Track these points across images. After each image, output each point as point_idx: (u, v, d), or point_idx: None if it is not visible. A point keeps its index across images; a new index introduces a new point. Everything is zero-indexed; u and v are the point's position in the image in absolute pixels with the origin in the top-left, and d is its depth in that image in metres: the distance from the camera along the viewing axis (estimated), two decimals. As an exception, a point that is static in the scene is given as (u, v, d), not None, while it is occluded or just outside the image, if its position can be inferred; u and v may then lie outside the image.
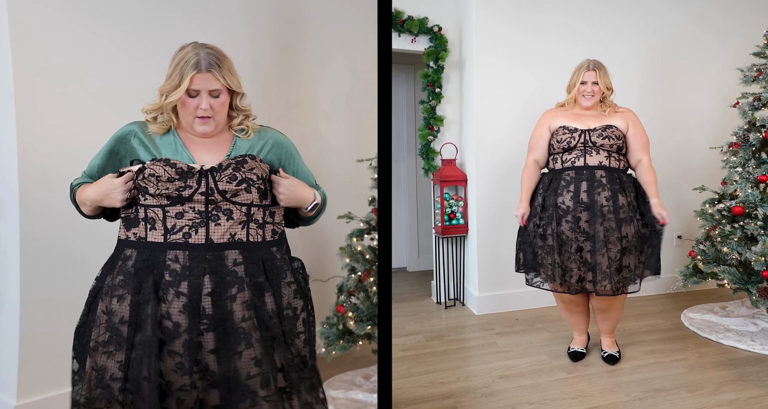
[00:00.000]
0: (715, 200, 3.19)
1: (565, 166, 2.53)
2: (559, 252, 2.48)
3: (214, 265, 1.43)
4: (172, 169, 1.43)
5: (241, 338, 1.41)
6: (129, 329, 1.41)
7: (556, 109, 2.70)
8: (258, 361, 1.42)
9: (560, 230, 2.48)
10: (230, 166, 1.47)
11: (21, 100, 2.10)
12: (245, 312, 1.43)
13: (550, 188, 2.55)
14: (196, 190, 1.44)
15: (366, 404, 2.40)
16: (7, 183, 2.15)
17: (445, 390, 2.41)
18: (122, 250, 1.48)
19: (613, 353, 2.69)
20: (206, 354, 1.40)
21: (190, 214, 1.44)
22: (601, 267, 2.40)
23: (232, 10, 2.67)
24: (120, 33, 2.31)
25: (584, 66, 2.59)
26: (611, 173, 2.47)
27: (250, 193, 1.49)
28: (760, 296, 2.76)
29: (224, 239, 1.45)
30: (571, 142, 2.52)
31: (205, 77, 1.47)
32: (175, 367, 1.39)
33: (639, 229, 2.46)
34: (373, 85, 3.21)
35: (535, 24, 3.57)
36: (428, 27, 3.58)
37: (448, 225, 3.65)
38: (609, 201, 2.43)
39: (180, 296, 1.40)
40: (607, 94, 2.61)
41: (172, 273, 1.42)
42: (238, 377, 1.40)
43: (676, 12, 3.87)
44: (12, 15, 2.06)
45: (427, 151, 3.69)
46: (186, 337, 1.38)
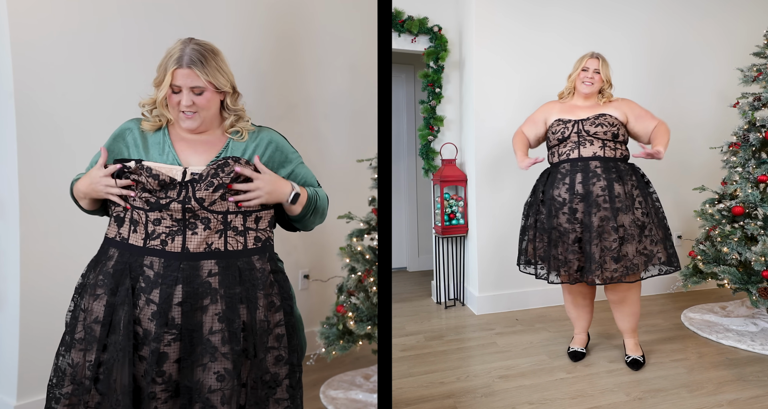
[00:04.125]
0: (715, 200, 3.19)
1: (561, 159, 2.56)
2: (556, 244, 2.49)
3: (188, 275, 1.40)
4: (155, 181, 1.41)
5: (207, 350, 1.38)
6: (102, 330, 1.40)
7: (554, 103, 2.74)
8: (221, 376, 1.38)
9: (557, 223, 2.50)
10: (209, 174, 1.43)
11: (21, 100, 2.10)
12: (215, 324, 1.40)
13: (548, 182, 2.58)
14: (174, 200, 1.41)
15: (366, 404, 2.40)
16: (7, 183, 2.15)
17: (445, 390, 2.41)
18: (107, 248, 1.48)
19: (637, 358, 2.61)
20: (171, 364, 1.37)
21: (167, 221, 1.42)
22: (594, 257, 2.40)
23: (232, 10, 2.67)
24: (120, 32, 2.31)
25: (588, 55, 2.63)
26: (606, 163, 2.48)
27: (225, 201, 1.44)
28: (760, 296, 2.76)
29: (200, 248, 1.42)
30: (564, 133, 2.55)
31: (185, 74, 1.45)
32: (144, 373, 1.37)
33: (637, 217, 2.45)
34: (373, 85, 3.21)
35: (535, 24, 3.56)
36: (428, 27, 3.58)
37: (448, 225, 3.65)
38: (604, 190, 2.42)
39: (150, 304, 1.38)
40: (606, 87, 2.63)
41: (146, 280, 1.40)
42: (201, 389, 1.37)
43: (677, 10, 3.87)
44: (12, 15, 2.06)
45: (427, 151, 3.69)
46: (153, 345, 1.36)
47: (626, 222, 2.43)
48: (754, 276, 2.81)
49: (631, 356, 2.63)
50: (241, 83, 1.62)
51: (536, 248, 2.60)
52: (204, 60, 1.46)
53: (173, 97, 1.48)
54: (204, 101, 1.48)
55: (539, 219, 2.59)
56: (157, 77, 1.49)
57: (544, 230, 2.55)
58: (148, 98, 1.54)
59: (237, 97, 1.57)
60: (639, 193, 2.49)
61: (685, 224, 3.96)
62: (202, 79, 1.46)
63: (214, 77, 1.47)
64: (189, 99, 1.46)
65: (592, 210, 2.42)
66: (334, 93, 3.11)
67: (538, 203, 2.61)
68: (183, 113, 1.48)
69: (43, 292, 2.18)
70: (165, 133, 1.52)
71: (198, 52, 1.46)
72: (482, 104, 3.51)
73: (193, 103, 1.47)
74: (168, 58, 1.46)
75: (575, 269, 2.47)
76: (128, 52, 2.32)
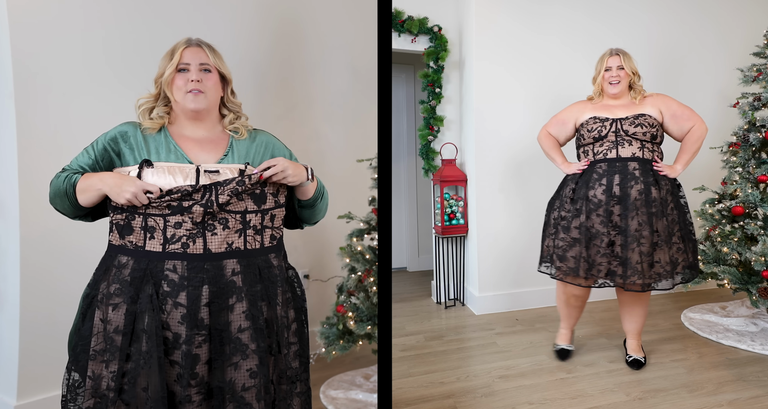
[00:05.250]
0: (715, 200, 3.19)
1: (597, 158, 2.48)
2: (587, 246, 2.42)
3: (213, 275, 1.41)
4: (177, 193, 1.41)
5: (238, 348, 1.40)
6: (123, 339, 1.38)
7: (586, 102, 2.65)
8: (254, 372, 1.40)
9: (590, 224, 2.42)
10: (235, 181, 1.44)
11: (21, 100, 2.10)
12: (242, 322, 1.42)
13: (581, 180, 2.49)
14: (197, 202, 1.42)
15: (366, 404, 2.40)
16: (7, 183, 2.15)
17: (445, 390, 2.41)
18: (116, 256, 1.45)
19: (639, 358, 2.61)
20: (203, 365, 1.38)
21: (188, 224, 1.42)
22: (632, 262, 2.35)
23: (232, 9, 2.67)
24: (120, 33, 2.31)
25: (607, 53, 2.57)
26: (645, 165, 2.41)
27: (242, 201, 1.46)
28: (760, 296, 2.76)
29: (222, 248, 1.43)
30: (602, 131, 2.47)
31: (195, 50, 1.51)
32: (176, 377, 1.37)
33: (669, 223, 2.40)
34: (373, 85, 3.21)
35: (535, 23, 3.56)
36: (428, 27, 3.58)
37: (448, 225, 3.65)
38: (642, 194, 2.37)
39: (178, 307, 1.38)
40: (635, 80, 2.56)
41: (170, 283, 1.39)
42: (234, 388, 1.38)
43: (677, 10, 3.87)
44: (12, 15, 2.06)
45: (427, 151, 3.69)
46: (185, 348, 1.36)
47: (660, 227, 2.37)
48: (754, 276, 2.81)
49: (633, 355, 2.62)
50: (241, 83, 1.64)
51: (556, 246, 2.51)
52: (210, 46, 1.56)
53: (180, 76, 1.51)
54: (211, 82, 1.53)
55: (564, 217, 2.50)
56: (162, 66, 1.53)
57: (566, 229, 2.47)
58: (147, 94, 1.55)
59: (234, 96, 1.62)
60: (671, 199, 2.44)
61: (685, 224, 3.96)
62: (211, 59, 1.53)
63: (221, 62, 1.55)
64: (197, 74, 1.51)
65: (630, 213, 2.35)
66: (334, 93, 3.11)
67: (563, 200, 2.52)
68: (190, 93, 1.50)
69: (43, 292, 2.18)
70: (166, 134, 1.53)
71: (202, 40, 1.56)
72: (482, 104, 3.51)
73: (200, 80, 1.50)
74: (175, 46, 1.53)
75: (604, 273, 2.41)
76: (127, 54, 2.32)
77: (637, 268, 2.35)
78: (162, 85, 1.53)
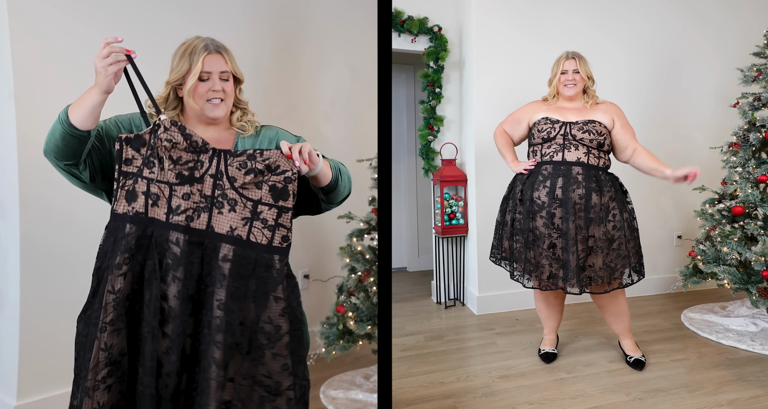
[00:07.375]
0: (715, 200, 3.19)
1: (544, 159, 2.53)
2: (531, 247, 2.47)
3: (207, 254, 1.38)
4: (187, 141, 1.38)
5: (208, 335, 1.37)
6: (129, 307, 1.37)
7: (540, 102, 2.70)
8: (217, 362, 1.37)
9: (534, 226, 2.47)
10: (244, 154, 1.40)
11: (21, 100, 2.10)
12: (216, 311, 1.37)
13: (527, 182, 2.54)
14: (207, 171, 1.39)
15: (366, 404, 2.40)
16: (7, 183, 2.15)
17: (445, 390, 2.41)
18: (121, 225, 1.38)
19: (639, 358, 2.60)
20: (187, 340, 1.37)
21: (196, 196, 1.39)
22: (571, 265, 2.38)
23: (232, 10, 2.67)
24: (120, 32, 2.31)
25: (563, 56, 2.62)
26: (588, 170, 2.45)
27: (259, 190, 1.40)
28: (760, 296, 2.76)
29: (224, 230, 1.39)
30: (551, 133, 2.51)
31: (215, 58, 1.49)
32: (166, 350, 1.36)
33: (608, 230, 2.43)
34: (373, 85, 3.22)
35: (535, 23, 3.57)
36: (428, 27, 3.58)
37: (448, 225, 3.65)
38: (582, 199, 2.41)
39: (176, 281, 1.36)
40: (589, 85, 2.61)
41: (172, 256, 1.37)
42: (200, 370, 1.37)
43: (676, 9, 3.87)
44: (12, 14, 2.06)
45: (427, 151, 3.69)
46: (177, 322, 1.35)
47: (597, 234, 2.41)
48: (754, 276, 2.81)
49: (633, 356, 2.62)
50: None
51: (512, 248, 2.57)
52: (225, 48, 1.52)
53: (200, 85, 1.49)
54: (230, 88, 1.52)
55: (516, 218, 2.55)
56: (178, 71, 1.49)
57: (520, 231, 2.53)
58: (157, 95, 1.52)
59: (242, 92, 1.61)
60: (615, 205, 2.45)
61: (685, 224, 3.96)
62: (229, 65, 1.51)
63: (235, 65, 1.53)
64: (219, 84, 1.49)
65: (570, 217, 2.40)
66: (334, 93, 3.11)
67: (516, 201, 2.57)
68: (209, 102, 1.49)
69: (43, 292, 2.18)
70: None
71: (218, 43, 1.52)
72: (482, 104, 3.51)
73: (222, 89, 1.49)
74: (192, 49, 1.48)
75: (546, 276, 2.46)
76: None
77: (575, 271, 2.39)
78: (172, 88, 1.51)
